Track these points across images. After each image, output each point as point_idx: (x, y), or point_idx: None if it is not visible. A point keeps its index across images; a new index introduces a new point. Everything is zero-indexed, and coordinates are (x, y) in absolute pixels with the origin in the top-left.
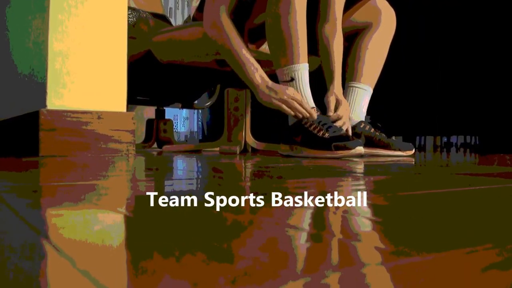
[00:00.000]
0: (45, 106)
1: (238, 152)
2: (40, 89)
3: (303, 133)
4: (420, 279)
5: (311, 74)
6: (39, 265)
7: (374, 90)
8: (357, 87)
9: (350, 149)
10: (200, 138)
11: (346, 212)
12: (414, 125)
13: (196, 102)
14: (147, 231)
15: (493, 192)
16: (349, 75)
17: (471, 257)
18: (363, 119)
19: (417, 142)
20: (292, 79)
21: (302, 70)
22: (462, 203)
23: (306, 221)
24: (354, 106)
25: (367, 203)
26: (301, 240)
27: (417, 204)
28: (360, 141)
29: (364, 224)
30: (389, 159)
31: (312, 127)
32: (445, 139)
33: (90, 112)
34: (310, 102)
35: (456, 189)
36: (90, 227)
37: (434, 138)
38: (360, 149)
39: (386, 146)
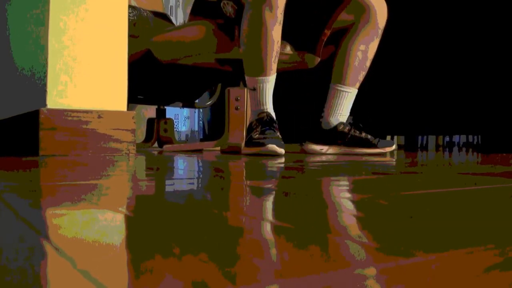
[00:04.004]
0: (45, 105)
1: (239, 152)
2: (40, 88)
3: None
4: (421, 279)
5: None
6: (39, 265)
7: (376, 90)
8: (344, 90)
9: (264, 145)
10: (201, 137)
11: (346, 212)
12: (416, 125)
13: (197, 101)
14: (147, 231)
15: (495, 192)
16: (336, 77)
17: (472, 257)
18: (344, 121)
19: (419, 141)
20: (254, 89)
21: (267, 83)
22: (464, 202)
23: (306, 221)
24: (340, 109)
25: (368, 203)
26: (301, 240)
27: (419, 204)
28: (279, 141)
29: (365, 224)
30: (366, 157)
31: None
32: (447, 139)
33: (91, 111)
34: (265, 107)
35: (459, 189)
36: (90, 227)
37: (436, 138)
38: (272, 147)
39: (365, 144)
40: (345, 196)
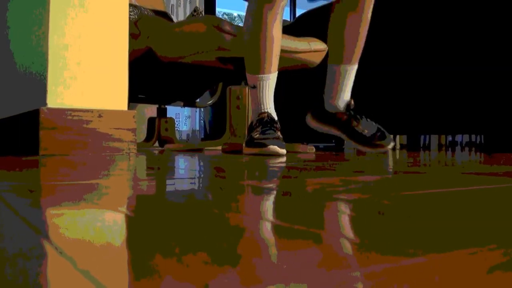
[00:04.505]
0: (45, 104)
1: (240, 151)
2: (40, 87)
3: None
4: (423, 280)
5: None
6: (39, 265)
7: (378, 89)
8: (345, 70)
9: (265, 145)
10: (202, 136)
11: (348, 212)
12: (418, 124)
13: (198, 100)
14: (148, 230)
15: (499, 192)
16: (336, 56)
17: (475, 257)
18: (347, 101)
19: (422, 141)
20: (254, 87)
21: (268, 81)
22: (468, 202)
23: (305, 221)
24: (342, 93)
25: (370, 203)
26: (302, 240)
27: (421, 204)
28: (280, 142)
29: (367, 224)
30: (368, 156)
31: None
32: (450, 138)
33: (91, 111)
34: (265, 106)
35: (462, 189)
36: (91, 227)
37: (439, 137)
38: (273, 148)
39: (360, 140)
40: (346, 196)
